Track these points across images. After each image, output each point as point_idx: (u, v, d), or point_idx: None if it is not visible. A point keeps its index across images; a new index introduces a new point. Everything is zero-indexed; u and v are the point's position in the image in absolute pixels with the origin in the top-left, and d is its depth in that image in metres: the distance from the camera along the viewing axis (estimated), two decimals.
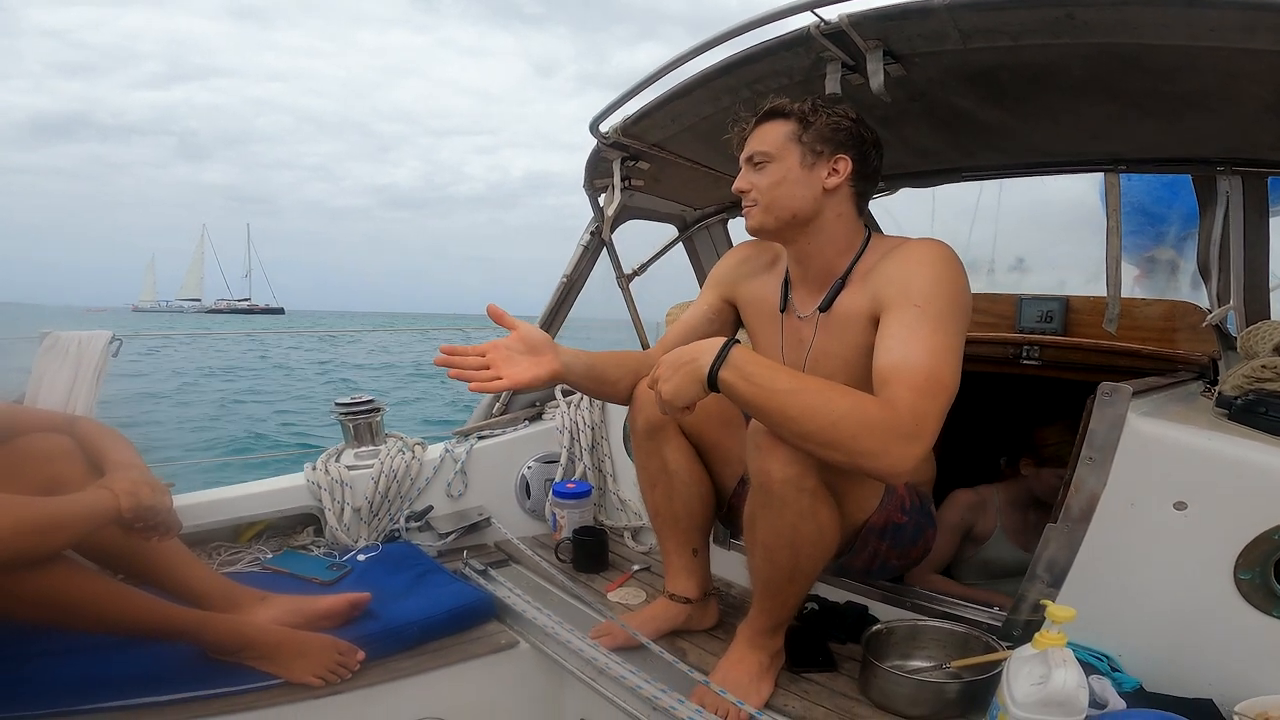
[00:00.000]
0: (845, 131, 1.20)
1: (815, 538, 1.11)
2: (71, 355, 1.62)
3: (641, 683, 1.17)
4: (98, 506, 1.05)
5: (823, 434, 0.96)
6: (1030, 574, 1.15)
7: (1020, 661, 0.95)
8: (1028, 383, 1.90)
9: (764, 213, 1.24)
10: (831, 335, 1.24)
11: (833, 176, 1.21)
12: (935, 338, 1.04)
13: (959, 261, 1.15)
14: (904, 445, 0.95)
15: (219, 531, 1.63)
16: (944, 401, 1.00)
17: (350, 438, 1.82)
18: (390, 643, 1.28)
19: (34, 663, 1.06)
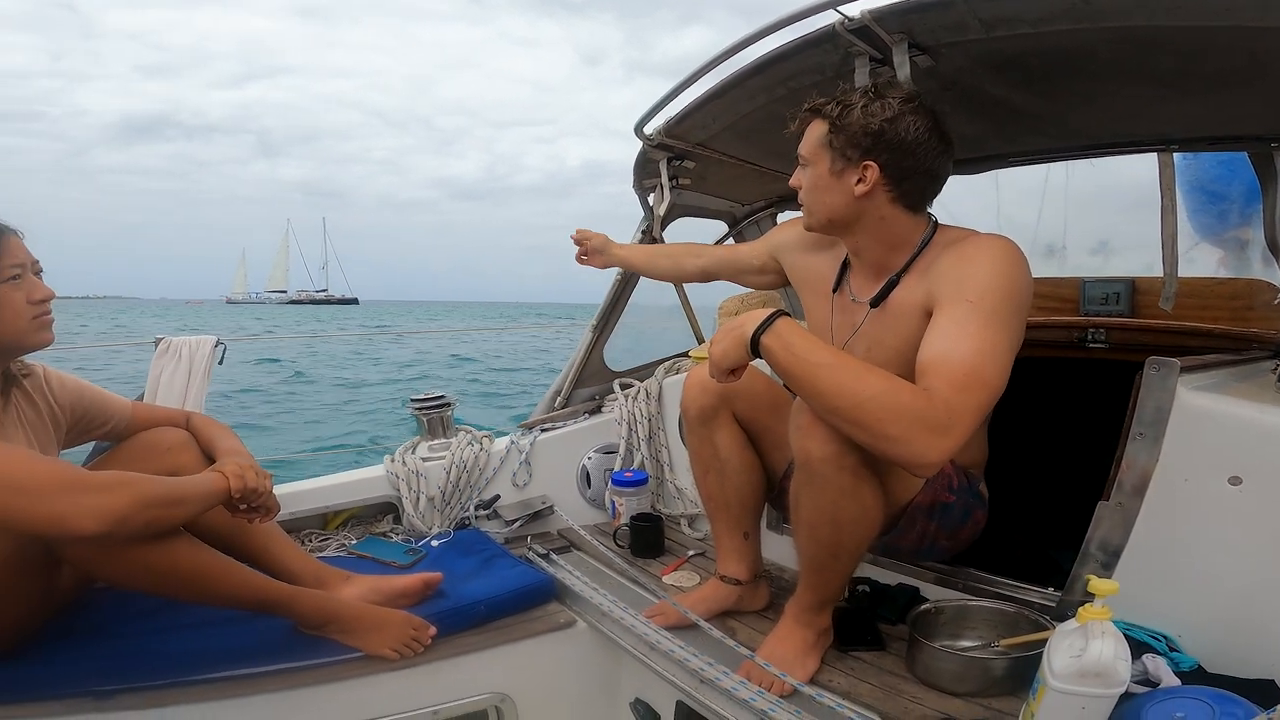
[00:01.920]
0: (874, 135, 1.14)
1: (858, 515, 1.12)
2: (184, 358, 1.82)
3: (690, 657, 1.23)
4: (212, 487, 1.19)
5: (850, 411, 0.98)
6: (1082, 554, 1.14)
7: (1062, 635, 0.96)
8: (1094, 366, 1.85)
9: (807, 214, 1.27)
10: (884, 327, 1.24)
11: (861, 184, 1.17)
12: (984, 333, 1.03)
13: (1023, 259, 1.12)
14: (932, 436, 0.95)
15: (310, 519, 1.80)
16: (983, 398, 0.99)
17: (424, 431, 1.96)
18: (459, 620, 1.40)
19: (151, 637, 1.22)
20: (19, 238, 1.20)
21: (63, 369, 1.38)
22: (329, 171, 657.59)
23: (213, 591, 1.17)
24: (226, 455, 1.34)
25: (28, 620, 1.15)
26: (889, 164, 1.16)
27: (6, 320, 1.15)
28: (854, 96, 1.17)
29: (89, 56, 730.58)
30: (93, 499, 1.01)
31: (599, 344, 2.15)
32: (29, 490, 0.98)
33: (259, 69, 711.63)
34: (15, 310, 1.16)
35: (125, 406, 1.44)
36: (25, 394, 1.27)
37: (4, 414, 1.21)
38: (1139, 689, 0.96)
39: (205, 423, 1.48)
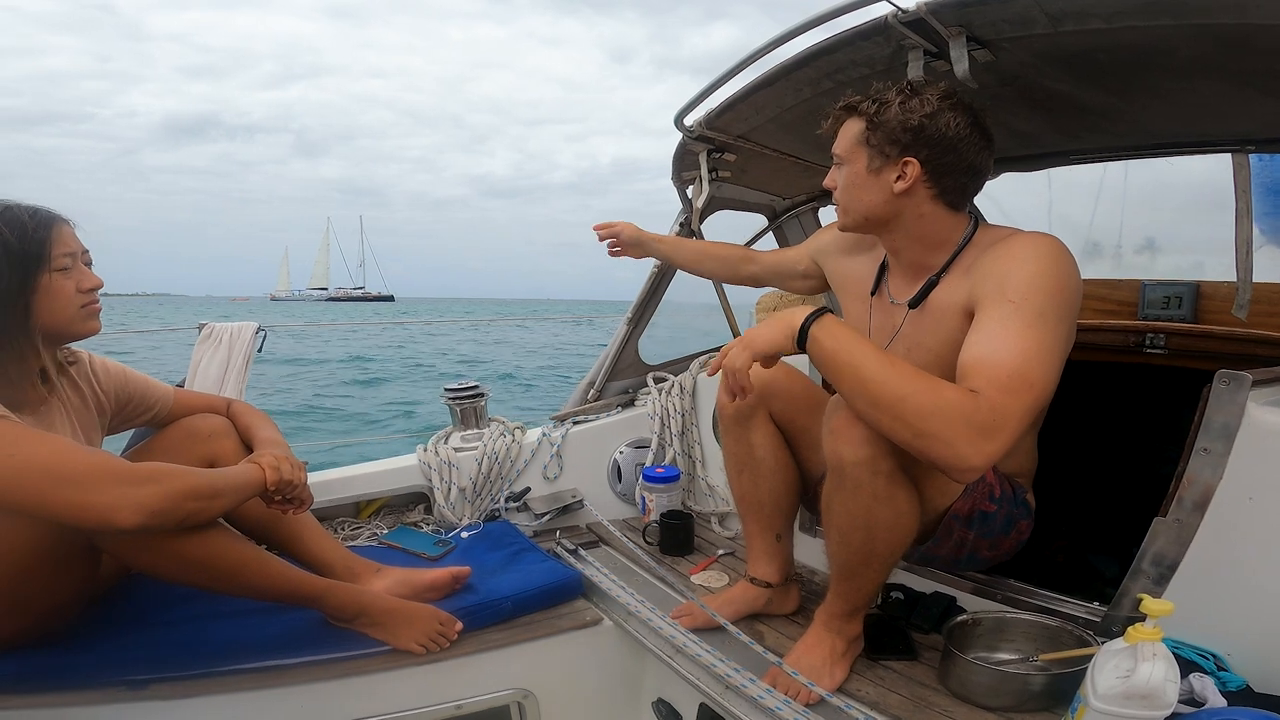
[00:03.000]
0: (914, 131, 1.12)
1: (891, 521, 1.09)
2: (225, 343, 1.86)
3: (716, 661, 1.21)
4: (248, 478, 1.20)
5: (892, 406, 0.95)
6: (1134, 569, 1.10)
7: (1109, 654, 0.92)
8: (1151, 373, 1.77)
9: (843, 213, 1.24)
10: (923, 328, 1.21)
11: (901, 180, 1.15)
12: (1028, 334, 0.99)
13: (1068, 257, 1.09)
14: (976, 438, 0.92)
15: (344, 508, 1.82)
16: (1029, 401, 0.95)
17: (457, 421, 1.97)
18: (486, 615, 1.40)
19: (185, 626, 1.25)
20: (71, 227, 1.21)
21: (113, 358, 1.41)
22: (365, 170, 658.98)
23: (246, 584, 1.19)
24: (264, 445, 1.36)
25: (68, 608, 1.18)
26: (929, 160, 1.13)
27: (56, 308, 1.16)
28: (890, 94, 1.14)
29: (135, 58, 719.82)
30: (133, 491, 1.02)
31: (634, 337, 2.13)
32: (70, 481, 1.00)
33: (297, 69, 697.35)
34: (65, 298, 1.17)
35: (168, 393, 1.47)
36: (71, 381, 1.30)
37: (50, 401, 1.23)
38: (1184, 709, 0.93)
39: (245, 410, 1.50)
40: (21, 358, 1.16)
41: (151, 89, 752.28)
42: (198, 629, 1.24)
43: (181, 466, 1.14)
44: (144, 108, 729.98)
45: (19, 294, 1.12)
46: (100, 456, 1.07)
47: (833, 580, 1.20)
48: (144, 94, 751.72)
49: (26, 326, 1.14)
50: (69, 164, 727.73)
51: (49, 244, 1.15)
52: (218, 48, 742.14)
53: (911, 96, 1.13)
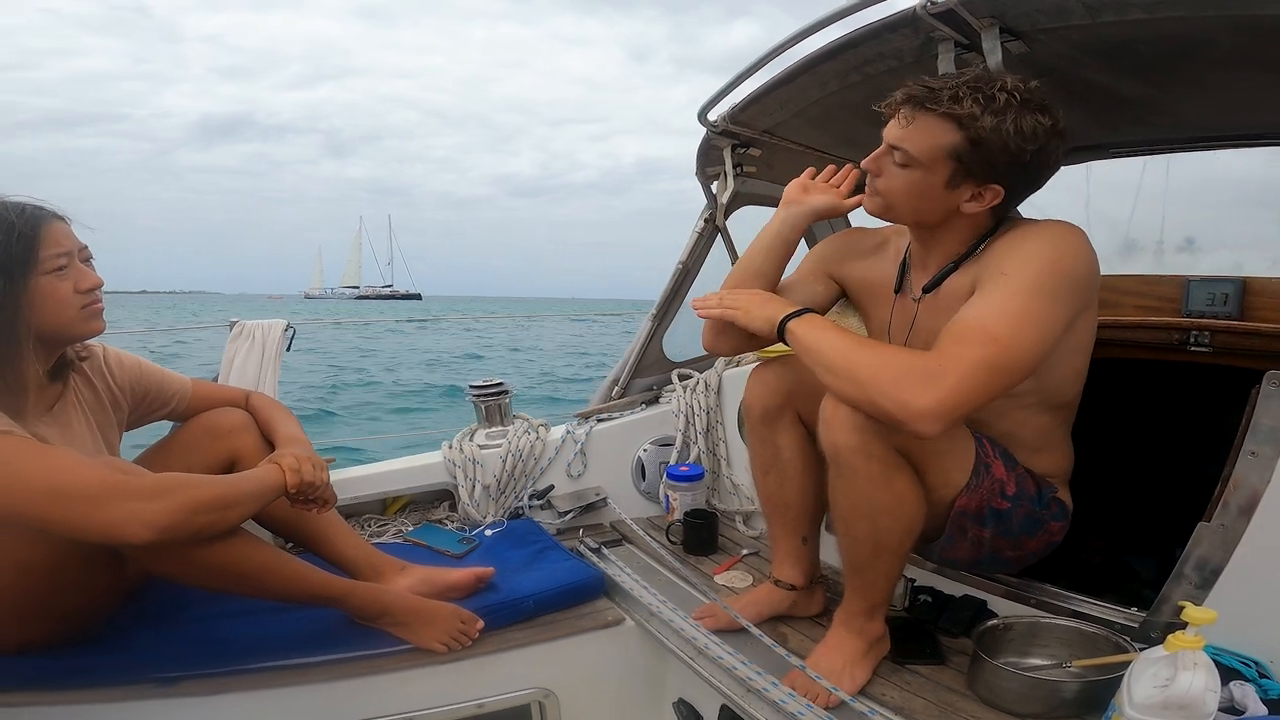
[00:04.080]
0: (1012, 159, 1.05)
1: (891, 506, 1.09)
2: (256, 341, 1.89)
3: (737, 664, 1.21)
4: (267, 482, 1.19)
5: (847, 372, 1.02)
6: (1176, 574, 1.07)
7: (1147, 663, 0.90)
8: (1194, 371, 1.71)
9: (884, 209, 1.19)
10: (935, 315, 1.19)
11: (975, 202, 1.11)
12: (1010, 300, 1.00)
13: (1080, 243, 1.08)
14: (920, 384, 0.95)
15: (370, 504, 1.84)
16: (988, 353, 0.96)
17: (482, 418, 1.98)
18: (508, 614, 1.41)
19: (212, 624, 1.27)
20: (66, 224, 1.16)
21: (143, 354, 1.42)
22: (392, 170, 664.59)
23: (268, 588, 1.20)
24: (285, 443, 1.34)
25: (97, 607, 1.20)
26: (1013, 185, 1.11)
27: (52, 312, 1.12)
28: (1000, 100, 1.03)
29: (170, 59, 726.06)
30: (143, 506, 1.01)
31: (658, 334, 2.12)
32: (80, 498, 0.98)
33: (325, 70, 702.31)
34: (61, 301, 1.12)
35: (186, 385, 1.45)
36: (85, 378, 1.28)
37: (63, 400, 1.22)
38: (1225, 717, 0.91)
39: (265, 403, 1.48)
40: (18, 365, 1.10)
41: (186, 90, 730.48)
42: (225, 626, 1.26)
43: (196, 476, 1.12)
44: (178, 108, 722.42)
45: (8, 301, 1.07)
46: (109, 471, 1.04)
47: (846, 577, 1.19)
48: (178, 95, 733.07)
49: (17, 333, 1.09)
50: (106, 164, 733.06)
51: (38, 245, 1.10)
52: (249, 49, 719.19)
53: (1026, 114, 1.03)
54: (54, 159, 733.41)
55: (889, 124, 1.12)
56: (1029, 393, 1.15)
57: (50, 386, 1.20)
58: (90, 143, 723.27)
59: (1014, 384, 1.01)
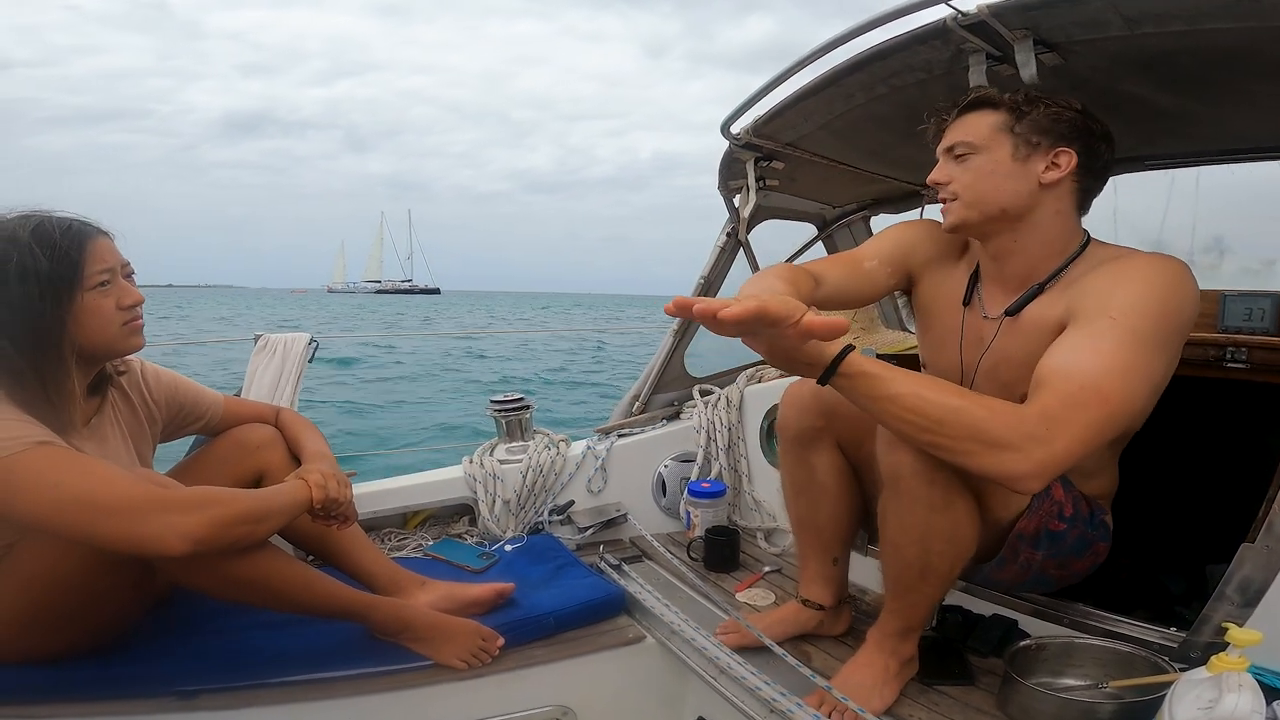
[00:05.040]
0: (1068, 123, 1.07)
1: (949, 533, 1.05)
2: (278, 355, 1.90)
3: (761, 684, 1.18)
4: (295, 497, 1.20)
5: (927, 433, 0.93)
6: (1218, 594, 1.03)
7: (1190, 684, 0.87)
8: (1232, 388, 1.67)
9: (966, 208, 1.12)
10: (1015, 341, 1.14)
11: (1052, 170, 1.07)
12: (1119, 352, 0.93)
13: (1189, 284, 1.01)
14: (1024, 445, 0.88)
15: (391, 518, 1.84)
16: (1099, 416, 0.90)
17: (503, 433, 1.97)
18: (528, 631, 1.39)
19: (234, 637, 1.27)
20: (110, 240, 1.17)
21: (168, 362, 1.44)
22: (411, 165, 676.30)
23: (293, 601, 1.20)
24: (311, 459, 1.36)
25: (123, 619, 1.20)
26: (1083, 152, 1.08)
27: (95, 328, 1.13)
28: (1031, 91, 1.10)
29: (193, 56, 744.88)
30: (180, 519, 1.02)
31: (680, 348, 2.10)
32: (118, 511, 1.00)
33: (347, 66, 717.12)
34: (105, 318, 1.14)
35: (219, 401, 1.48)
36: (122, 392, 1.30)
37: (100, 414, 1.24)
38: None
39: (293, 419, 1.51)
40: (61, 380, 1.11)
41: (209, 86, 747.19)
42: (246, 640, 1.26)
43: (229, 490, 1.14)
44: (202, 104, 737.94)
45: (53, 317, 1.08)
46: (145, 484, 1.06)
47: (887, 597, 1.16)
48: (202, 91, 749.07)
49: (61, 350, 1.10)
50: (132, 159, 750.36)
51: (83, 262, 1.11)
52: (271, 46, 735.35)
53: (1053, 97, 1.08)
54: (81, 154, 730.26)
55: (938, 142, 1.15)
56: None
57: (89, 400, 1.22)
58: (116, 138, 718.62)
59: (1114, 437, 0.97)
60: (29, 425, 1.02)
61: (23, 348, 1.07)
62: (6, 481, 0.98)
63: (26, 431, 1.01)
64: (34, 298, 1.06)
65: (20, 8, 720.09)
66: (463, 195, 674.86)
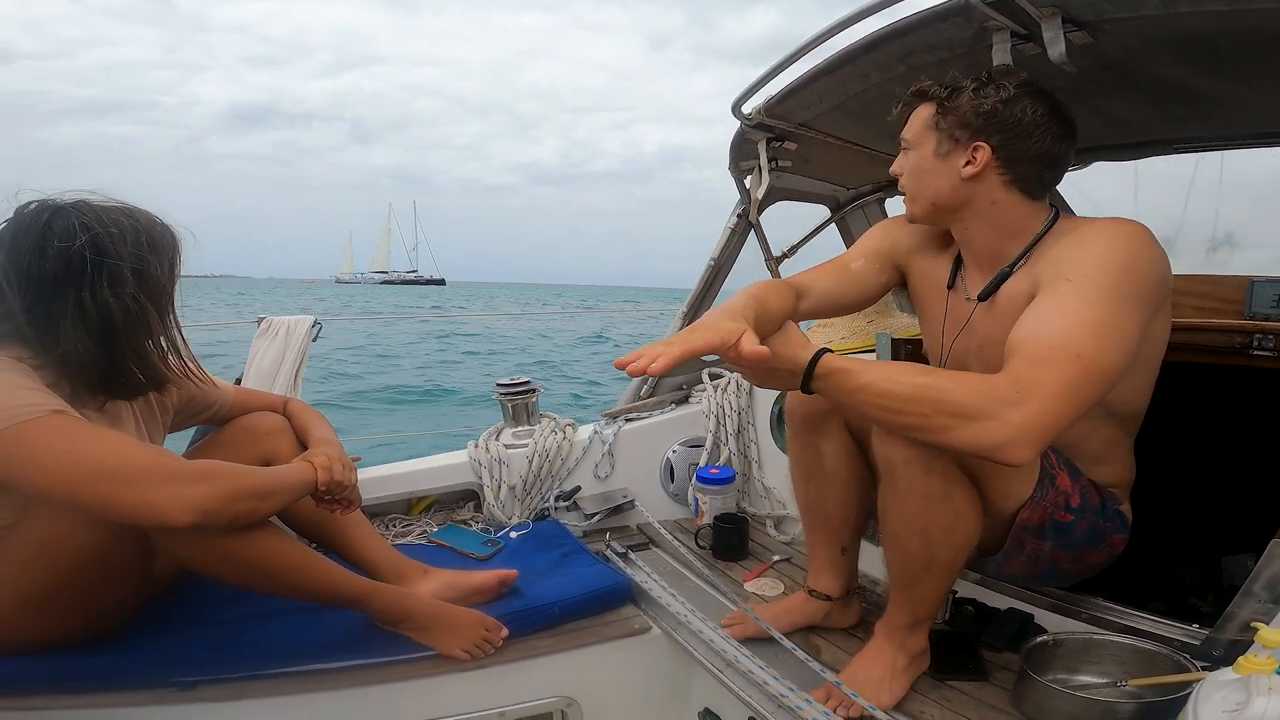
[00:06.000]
0: (986, 115, 1.07)
1: (949, 523, 1.05)
2: (280, 337, 1.88)
3: (768, 678, 1.17)
4: (300, 478, 1.22)
5: (899, 415, 0.94)
6: (1245, 590, 1.00)
7: (1215, 685, 0.83)
8: (1257, 376, 1.62)
9: (910, 201, 1.20)
10: (994, 322, 1.14)
11: (970, 165, 1.10)
12: (1084, 309, 0.94)
13: (1148, 242, 1.02)
14: (999, 411, 0.88)
15: (395, 504, 1.83)
16: (1070, 370, 0.90)
17: (509, 417, 1.95)
18: (532, 621, 1.38)
19: (235, 627, 1.27)
20: None
21: None
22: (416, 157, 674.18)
23: (293, 585, 1.20)
24: (318, 445, 1.37)
25: (121, 609, 1.21)
26: (1002, 146, 1.09)
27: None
28: (964, 80, 1.11)
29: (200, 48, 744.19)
30: (186, 489, 1.04)
31: None
32: (125, 479, 1.01)
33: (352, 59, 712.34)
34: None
35: (229, 392, 1.49)
36: None
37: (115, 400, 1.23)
38: None
39: (301, 409, 1.52)
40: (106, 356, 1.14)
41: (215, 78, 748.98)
42: (246, 630, 1.26)
43: (235, 465, 1.15)
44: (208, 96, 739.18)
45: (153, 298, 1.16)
46: (155, 454, 1.08)
47: (892, 590, 1.15)
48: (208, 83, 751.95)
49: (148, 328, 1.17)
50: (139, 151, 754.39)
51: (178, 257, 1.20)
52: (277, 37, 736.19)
53: (987, 83, 1.09)
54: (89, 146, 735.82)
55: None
56: (1099, 403, 1.09)
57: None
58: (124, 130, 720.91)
59: (1099, 400, 0.95)
60: (44, 395, 1.04)
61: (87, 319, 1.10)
62: (19, 446, 0.99)
63: (42, 400, 1.03)
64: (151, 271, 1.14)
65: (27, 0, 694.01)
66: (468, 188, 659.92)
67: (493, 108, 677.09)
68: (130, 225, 1.14)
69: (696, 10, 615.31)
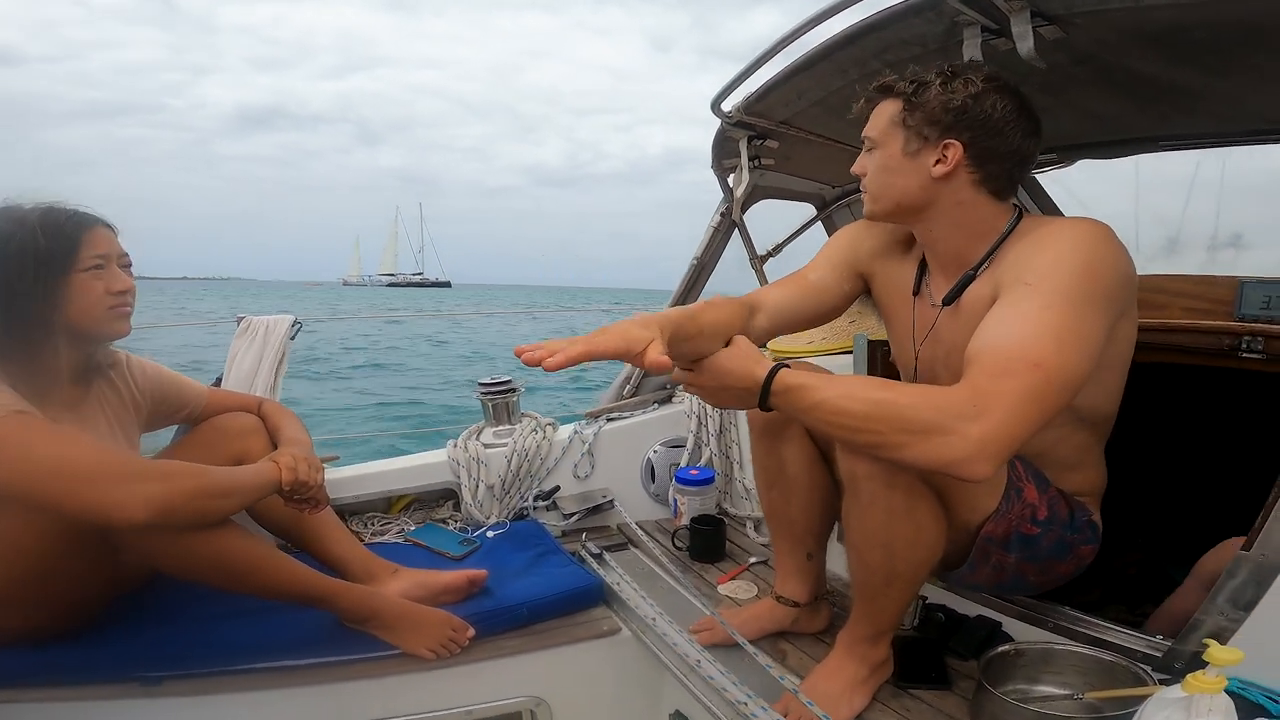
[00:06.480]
0: (956, 111, 1.03)
1: (911, 537, 1.03)
2: (259, 337, 1.87)
3: (729, 685, 1.16)
4: (263, 478, 1.22)
5: (857, 433, 0.92)
6: (1208, 602, 0.98)
7: (1160, 703, 0.82)
8: (1247, 379, 1.59)
9: (872, 200, 1.14)
10: (959, 327, 1.12)
11: (941, 164, 1.06)
12: (1042, 315, 0.92)
13: (1109, 242, 1.00)
14: (957, 426, 0.85)
15: (375, 502, 1.83)
16: (1030, 380, 0.87)
17: (489, 416, 1.95)
18: (500, 621, 1.38)
19: (203, 625, 1.27)
20: (110, 231, 1.24)
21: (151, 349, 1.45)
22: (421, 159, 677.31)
23: (259, 584, 1.20)
24: (287, 444, 1.37)
25: (89, 604, 1.21)
26: (973, 143, 1.05)
27: (83, 308, 1.19)
28: (929, 75, 1.06)
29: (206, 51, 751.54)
30: (143, 487, 1.04)
31: None
32: (78, 476, 1.02)
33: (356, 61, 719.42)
34: (93, 299, 1.19)
35: (202, 392, 1.51)
36: (109, 381, 1.33)
37: (87, 399, 1.27)
38: None
39: (275, 409, 1.53)
40: (50, 353, 1.18)
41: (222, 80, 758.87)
42: (214, 627, 1.26)
43: (198, 465, 1.15)
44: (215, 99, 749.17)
45: (45, 291, 1.15)
46: (112, 453, 1.09)
47: (855, 601, 1.13)
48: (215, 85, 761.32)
49: (52, 322, 1.17)
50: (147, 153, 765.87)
51: (79, 245, 1.18)
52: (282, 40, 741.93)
53: (953, 78, 1.05)
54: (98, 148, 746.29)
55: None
56: (1065, 410, 1.07)
57: (75, 385, 1.25)
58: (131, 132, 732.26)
59: (1062, 409, 0.92)
60: (5, 395, 1.06)
61: (12, 321, 1.13)
62: None
63: (4, 400, 1.04)
64: (28, 274, 1.13)
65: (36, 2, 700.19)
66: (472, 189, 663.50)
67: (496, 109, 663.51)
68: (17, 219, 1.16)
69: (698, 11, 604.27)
